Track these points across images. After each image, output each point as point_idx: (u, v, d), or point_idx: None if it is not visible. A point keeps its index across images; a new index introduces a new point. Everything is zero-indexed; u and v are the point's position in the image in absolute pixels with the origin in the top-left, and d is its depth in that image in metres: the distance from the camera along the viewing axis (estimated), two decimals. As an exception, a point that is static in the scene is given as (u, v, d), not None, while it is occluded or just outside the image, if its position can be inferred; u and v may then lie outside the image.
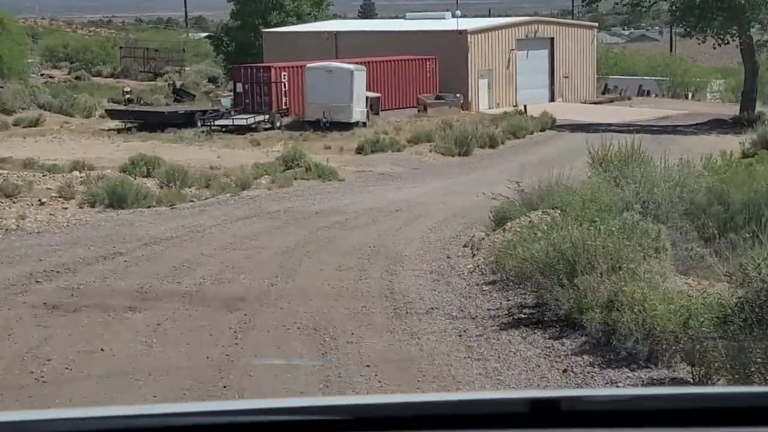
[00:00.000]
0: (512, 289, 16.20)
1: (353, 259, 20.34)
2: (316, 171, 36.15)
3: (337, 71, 51.75)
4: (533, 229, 18.44)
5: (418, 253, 21.55)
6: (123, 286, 17.15)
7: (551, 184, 23.23)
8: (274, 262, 19.81)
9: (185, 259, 19.86)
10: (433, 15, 67.29)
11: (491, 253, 19.11)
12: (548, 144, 47.12)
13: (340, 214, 28.14)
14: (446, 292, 16.68)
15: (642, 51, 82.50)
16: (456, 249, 22.06)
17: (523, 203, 22.84)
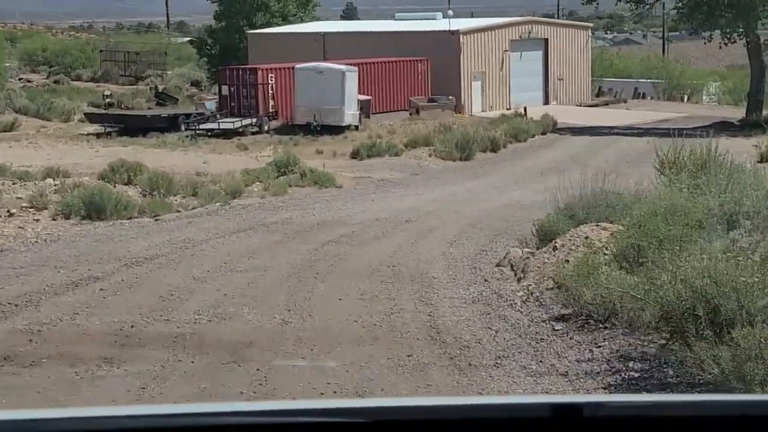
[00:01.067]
0: (597, 329, 12.48)
1: (374, 283, 16.63)
2: (312, 177, 32.42)
3: (328, 72, 48.00)
4: (595, 248, 14.74)
5: (448, 274, 17.87)
6: (97, 326, 13.36)
7: (595, 192, 19.49)
8: (281, 289, 16.08)
9: (174, 286, 16.10)
10: (423, 15, 63.57)
11: (543, 275, 15.43)
12: (552, 148, 43.51)
13: (345, 225, 24.45)
14: (507, 332, 12.98)
15: (631, 54, 79.05)
16: (489, 269, 18.41)
17: (565, 215, 19.12)
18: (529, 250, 17.93)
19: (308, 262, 18.88)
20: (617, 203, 18.61)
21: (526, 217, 26.37)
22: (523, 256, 17.50)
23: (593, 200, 18.99)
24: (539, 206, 28.91)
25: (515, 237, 23.16)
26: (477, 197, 30.42)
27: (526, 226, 25.00)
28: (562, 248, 16.18)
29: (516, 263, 17.04)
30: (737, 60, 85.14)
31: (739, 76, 67.60)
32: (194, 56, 76.65)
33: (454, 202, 29.19)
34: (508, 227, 24.70)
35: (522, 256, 17.76)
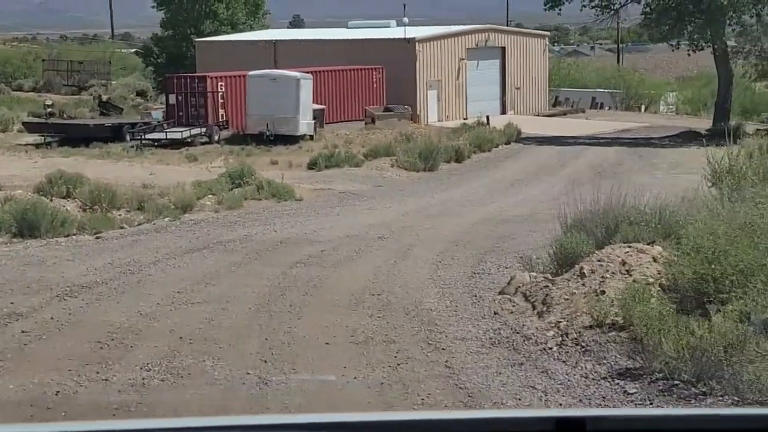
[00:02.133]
0: (690, 394, 9.11)
1: (363, 318, 13.29)
2: (270, 189, 28.98)
3: (282, 79, 44.51)
4: (643, 278, 11.47)
5: (446, 304, 14.56)
6: (11, 392, 9.77)
7: (613, 207, 16.25)
8: (251, 329, 12.68)
9: (116, 326, 12.63)
10: (376, 23, 60.21)
11: (574, 309, 12.14)
12: (519, 158, 40.36)
13: (312, 243, 21.07)
14: (557, 392, 9.69)
15: (585, 64, 76.18)
16: (491, 297, 15.16)
17: (578, 233, 15.85)
18: (543, 276, 14.60)
19: (278, 290, 15.47)
20: (639, 219, 15.36)
21: (510, 233, 23.23)
22: (537, 282, 14.17)
23: (610, 216, 15.71)
24: (521, 220, 25.78)
25: (507, 256, 20.03)
26: (450, 211, 27.17)
27: (514, 243, 21.86)
28: (592, 275, 12.91)
29: (531, 292, 13.70)
30: (686, 72, 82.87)
31: (690, 86, 65.06)
32: (140, 66, 72.74)
33: (427, 217, 25.92)
34: (494, 245, 21.52)
35: (534, 282, 14.44)
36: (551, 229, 23.93)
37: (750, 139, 43.00)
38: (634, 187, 31.83)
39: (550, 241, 22.31)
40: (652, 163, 38.09)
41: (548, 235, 22.91)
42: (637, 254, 13.02)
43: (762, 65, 44.34)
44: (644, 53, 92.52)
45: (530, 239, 22.25)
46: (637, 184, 33.29)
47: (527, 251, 20.67)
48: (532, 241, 21.96)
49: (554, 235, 23.10)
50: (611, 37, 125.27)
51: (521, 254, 20.28)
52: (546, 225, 24.56)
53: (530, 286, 14.22)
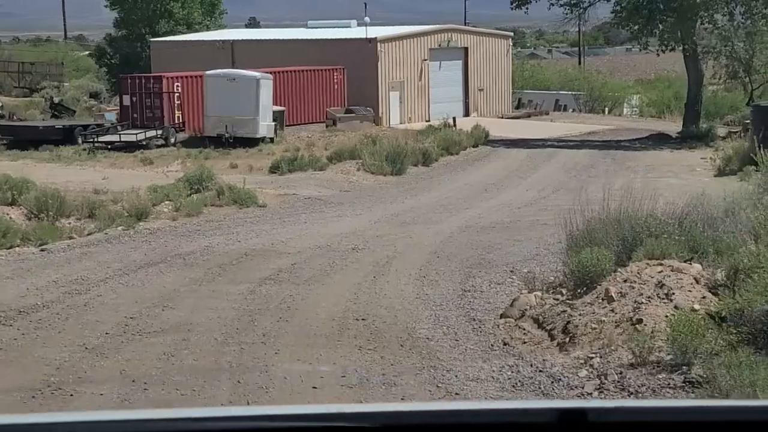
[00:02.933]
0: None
1: (351, 352, 11.10)
2: (231, 195, 26.64)
3: (241, 79, 42.13)
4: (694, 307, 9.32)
5: (443, 331, 12.41)
6: None
7: (626, 215, 14.11)
8: (220, 369, 10.46)
9: (55, 365, 10.35)
10: (337, 23, 57.86)
11: (607, 342, 9.96)
12: (489, 161, 38.24)
13: (281, 256, 18.82)
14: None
15: (546, 67, 74.20)
16: (491, 320, 13.08)
17: (587, 245, 13.69)
18: (554, 297, 12.40)
19: (246, 315, 13.18)
20: (661, 230, 13.21)
21: (494, 242, 21.08)
22: (550, 306, 11.97)
23: (626, 227, 13.55)
24: (503, 228, 23.62)
25: (496, 270, 17.89)
26: (425, 218, 24.97)
27: (501, 254, 19.71)
28: (623, 299, 10.71)
29: (545, 318, 11.50)
30: (644, 75, 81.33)
31: (654, 89, 63.30)
32: (93, 67, 69.89)
33: (401, 225, 23.71)
34: (479, 256, 19.36)
35: (543, 304, 12.24)
36: (537, 238, 21.86)
37: (722, 141, 41.29)
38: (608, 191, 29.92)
39: (539, 251, 20.27)
40: (626, 166, 36.11)
41: (534, 245, 20.84)
42: (674, 274, 10.88)
43: (733, 66, 42.54)
44: (601, 56, 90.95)
45: (517, 249, 20.15)
46: (613, 188, 31.32)
47: (517, 264, 18.59)
48: (519, 252, 19.86)
49: (543, 244, 21.07)
50: (567, 41, 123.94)
51: (512, 267, 18.21)
52: (530, 233, 22.48)
53: (541, 309, 12.03)
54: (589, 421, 2.74)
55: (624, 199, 15.97)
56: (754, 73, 42.45)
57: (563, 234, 21.57)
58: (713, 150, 39.20)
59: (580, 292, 12.01)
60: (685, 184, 31.66)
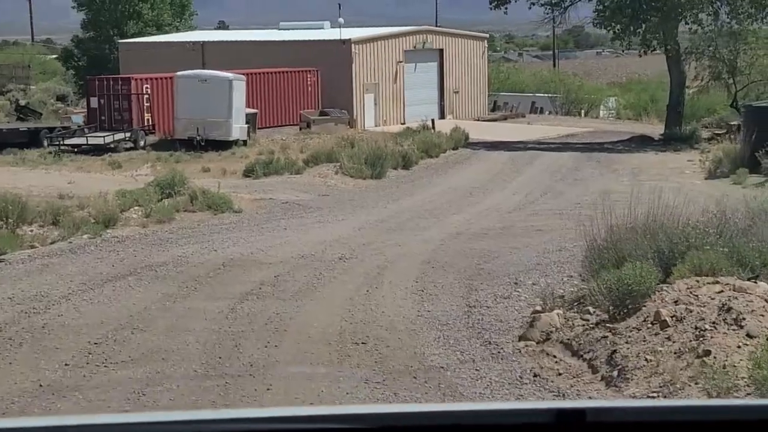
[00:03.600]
0: None
1: (358, 387, 9.36)
2: (204, 200, 24.71)
3: (213, 80, 40.20)
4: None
5: (458, 357, 10.68)
6: None
7: (657, 224, 12.33)
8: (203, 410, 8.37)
9: (5, 404, 8.29)
10: (309, 24, 55.90)
11: (669, 377, 8.14)
12: (470, 164, 36.47)
13: (262, 266, 16.96)
14: None
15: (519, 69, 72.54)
16: (509, 343, 11.25)
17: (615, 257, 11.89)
18: (583, 318, 10.58)
19: (229, 339, 11.32)
20: (701, 241, 11.43)
21: (489, 251, 19.27)
22: (583, 329, 10.15)
23: (660, 237, 11.74)
24: (496, 235, 21.82)
25: (498, 282, 16.13)
26: (412, 224, 23.16)
27: (500, 263, 17.91)
28: (679, 325, 8.93)
29: (581, 345, 9.68)
30: (615, 78, 79.89)
31: (630, 91, 61.77)
32: (61, 70, 67.60)
33: (387, 231, 21.88)
34: (476, 266, 17.58)
35: (572, 326, 10.43)
36: (535, 246, 20.10)
37: (707, 143, 39.72)
38: (598, 196, 28.18)
39: (540, 260, 18.50)
40: (612, 168, 34.46)
41: (533, 253, 19.06)
42: (739, 295, 9.10)
43: (717, 67, 40.99)
44: (572, 60, 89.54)
45: (516, 258, 18.36)
46: (602, 192, 29.69)
47: (519, 274, 16.81)
48: (518, 261, 18.08)
49: (542, 252, 19.30)
50: (538, 44, 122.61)
51: (515, 279, 16.43)
52: (526, 240, 20.72)
53: (570, 333, 10.21)
54: (588, 421, 2.65)
55: (648, 204, 14.32)
56: (738, 74, 40.90)
57: (563, 242, 19.92)
58: (699, 152, 37.64)
59: (620, 314, 10.19)
60: (676, 188, 29.98)
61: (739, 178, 29.51)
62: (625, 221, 12.97)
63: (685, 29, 41.12)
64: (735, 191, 28.14)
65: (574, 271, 17.20)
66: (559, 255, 18.70)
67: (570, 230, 22.19)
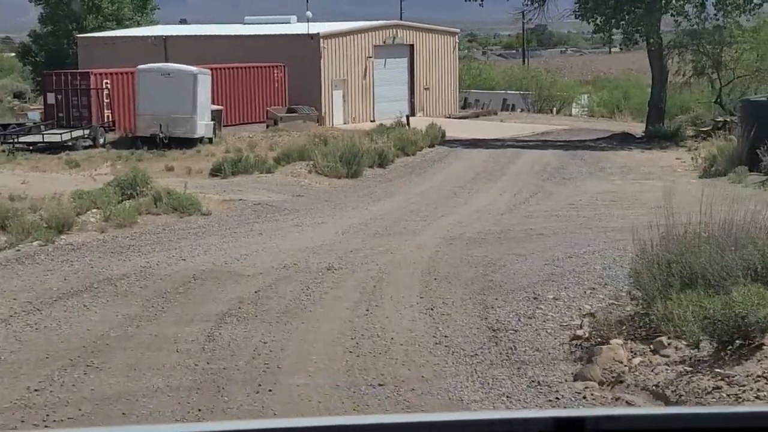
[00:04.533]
0: None
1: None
2: (170, 201, 22.03)
3: (177, 74, 37.44)
4: None
5: (510, 408, 7.89)
6: None
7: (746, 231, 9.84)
8: None
9: None
10: (276, 19, 53.13)
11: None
12: (449, 163, 33.96)
13: (239, 279, 14.37)
14: None
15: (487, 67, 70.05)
16: (563, 382, 8.65)
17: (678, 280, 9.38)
18: (663, 354, 8.05)
19: (209, 381, 8.74)
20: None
21: (492, 258, 16.77)
22: (661, 368, 7.62)
23: (751, 249, 9.24)
24: (494, 240, 19.27)
25: (515, 296, 13.68)
26: (399, 228, 20.62)
27: (508, 274, 15.39)
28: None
29: (684, 395, 7.14)
30: (581, 77, 77.71)
31: (603, 88, 59.55)
32: (18, 67, 64.38)
33: (374, 236, 19.34)
34: (484, 277, 15.15)
35: (648, 364, 7.92)
36: (541, 252, 17.61)
37: (693, 141, 37.49)
38: (591, 196, 25.75)
39: (552, 270, 16.06)
40: (600, 167, 32.08)
41: (542, 261, 16.59)
42: None
43: (700, 62, 38.73)
44: (537, 58, 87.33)
45: (525, 267, 15.89)
46: (594, 191, 27.37)
47: (535, 287, 14.36)
48: (528, 271, 15.61)
49: (551, 260, 16.86)
50: (501, 43, 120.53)
51: (532, 293, 13.98)
52: (528, 245, 18.22)
53: (656, 376, 7.67)
54: (587, 429, 2.56)
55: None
56: (722, 69, 38.65)
57: (570, 247, 17.46)
58: (686, 150, 35.41)
59: (727, 354, 7.68)
60: (671, 188, 27.70)
61: (738, 177, 27.22)
62: (683, 227, 10.47)
63: (669, 22, 38.83)
64: (738, 191, 25.86)
65: (594, 282, 14.83)
66: (571, 263, 16.26)
67: (574, 234, 19.80)
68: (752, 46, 37.83)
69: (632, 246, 17.13)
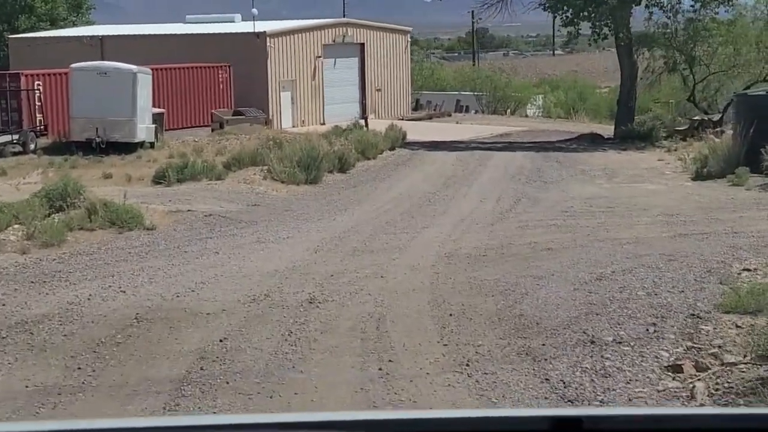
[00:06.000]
0: None
1: None
2: (107, 214, 18.11)
3: (114, 74, 33.39)
4: None
5: None
6: None
7: None
8: None
9: None
10: (219, 17, 49.06)
11: None
12: (414, 166, 30.30)
13: (196, 320, 10.62)
14: None
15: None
16: None
17: None
18: None
19: None
20: None
21: (506, 283, 13.09)
22: None
23: None
24: (497, 257, 15.39)
25: (562, 338, 10.11)
26: (380, 243, 16.90)
27: (538, 304, 11.71)
28: None
29: None
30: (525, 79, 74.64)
31: (558, 89, 56.34)
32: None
33: (354, 254, 15.63)
34: (508, 310, 11.76)
35: None
36: (561, 273, 13.92)
37: (669, 141, 34.32)
38: (582, 202, 22.27)
39: (588, 298, 12.46)
40: (579, 169, 28.63)
41: (569, 286, 12.90)
42: None
43: (672, 57, 35.51)
44: (481, 61, 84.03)
45: (551, 295, 12.34)
46: (584, 196, 23.97)
47: (580, 322, 10.91)
48: (559, 300, 12.06)
49: (578, 283, 13.26)
50: (442, 47, 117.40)
51: (583, 333, 10.43)
52: (542, 264, 14.53)
53: None
54: (585, 429, 2.47)
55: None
56: (696, 64, 35.43)
57: (592, 266, 13.92)
58: (666, 151, 32.15)
59: None
60: (668, 191, 24.35)
61: (739, 179, 23.88)
62: None
63: (639, 18, 35.59)
64: (744, 196, 22.54)
65: (648, 314, 11.37)
66: (606, 288, 12.73)
67: (585, 248, 16.22)
68: (727, 39, 34.66)
69: (685, 267, 13.63)
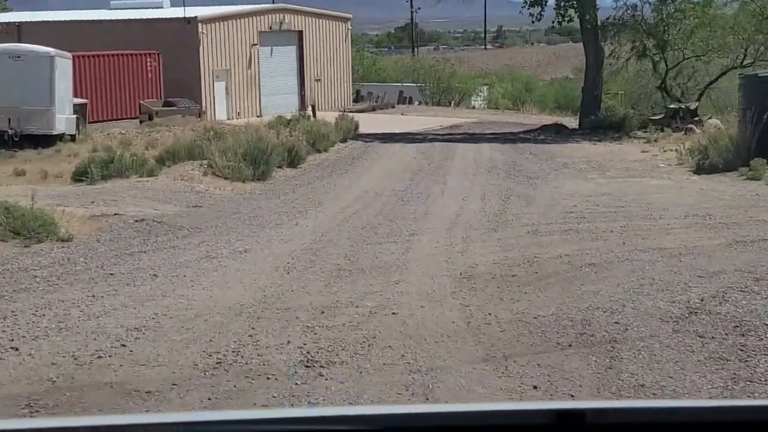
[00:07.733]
0: None
1: None
2: (10, 222, 13.58)
3: (29, 57, 28.66)
4: None
5: None
6: None
7: None
8: None
9: None
10: (146, 3, 44.20)
11: None
12: (372, 160, 26.05)
13: (127, 404, 5.89)
14: None
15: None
16: None
17: None
18: None
19: None
20: None
21: (574, 322, 8.74)
22: None
23: None
24: (530, 277, 10.78)
25: None
26: (367, 258, 12.67)
27: (644, 363, 7.31)
28: None
29: None
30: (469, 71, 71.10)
31: (506, 80, 52.61)
32: None
33: (340, 277, 11.44)
34: (615, 372, 7.23)
35: None
36: (629, 301, 9.44)
37: (643, 132, 30.57)
38: (583, 200, 18.34)
39: (693, 342, 8.36)
40: (561, 163, 24.67)
41: (665, 327, 8.60)
42: None
43: (641, 42, 31.77)
44: (429, 53, 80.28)
45: (657, 344, 8.34)
46: (582, 194, 19.91)
47: (727, 392, 6.60)
48: (670, 349, 8.08)
49: (668, 317, 9.11)
50: (372, 42, 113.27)
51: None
52: (598, 288, 10.14)
53: None
54: (588, 422, 2.40)
55: None
56: (668, 48, 31.70)
57: (666, 290, 9.93)
58: (646, 142, 28.37)
59: None
60: (676, 187, 20.40)
61: (756, 173, 20.05)
62: None
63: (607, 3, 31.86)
64: (765, 190, 18.76)
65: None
66: (716, 326, 8.77)
67: (635, 263, 12.01)
68: (702, 21, 31.00)
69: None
